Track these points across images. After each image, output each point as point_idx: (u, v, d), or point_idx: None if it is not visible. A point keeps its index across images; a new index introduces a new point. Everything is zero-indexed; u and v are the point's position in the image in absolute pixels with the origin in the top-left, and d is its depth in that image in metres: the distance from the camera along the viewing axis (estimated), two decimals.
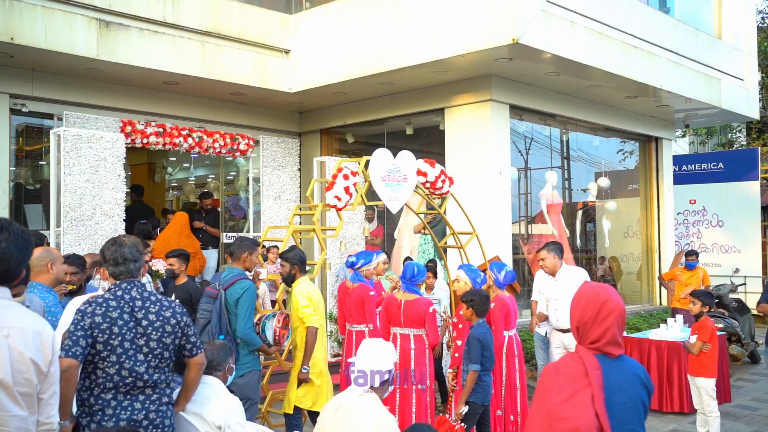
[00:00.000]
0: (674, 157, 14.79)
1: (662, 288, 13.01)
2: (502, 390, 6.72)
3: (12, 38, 7.77)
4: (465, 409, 5.56)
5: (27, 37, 7.90)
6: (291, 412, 5.93)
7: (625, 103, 11.80)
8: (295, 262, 6.01)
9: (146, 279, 6.79)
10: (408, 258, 9.45)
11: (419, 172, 7.63)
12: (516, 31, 8.04)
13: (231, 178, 13.56)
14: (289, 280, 6.04)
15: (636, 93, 11.01)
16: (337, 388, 8.45)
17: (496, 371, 6.73)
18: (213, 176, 14.96)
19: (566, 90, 10.65)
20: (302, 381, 5.85)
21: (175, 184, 16.16)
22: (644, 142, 13.83)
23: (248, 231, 11.36)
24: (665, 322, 8.88)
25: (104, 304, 3.58)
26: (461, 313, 6.25)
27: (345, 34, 9.75)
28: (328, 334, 9.55)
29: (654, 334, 8.54)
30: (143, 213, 11.06)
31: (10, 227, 2.77)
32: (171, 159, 14.53)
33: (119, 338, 3.54)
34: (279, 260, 6.29)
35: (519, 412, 6.74)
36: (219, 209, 12.09)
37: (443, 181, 7.81)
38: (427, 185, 7.75)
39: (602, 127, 12.36)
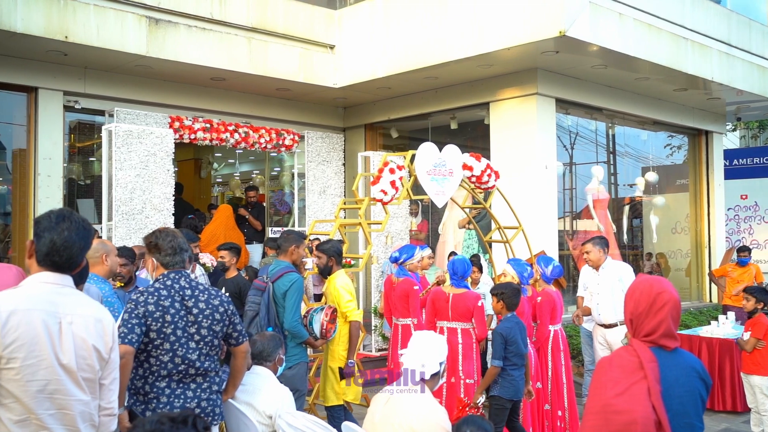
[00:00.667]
0: (725, 151, 14.46)
1: (712, 285, 12.76)
2: (549, 384, 6.68)
3: (66, 36, 7.95)
4: (481, 399, 5.54)
5: (80, 36, 8.08)
6: (333, 404, 5.96)
7: (674, 96, 11.58)
8: (332, 254, 6.04)
9: (200, 271, 6.87)
10: (453, 253, 9.42)
11: (465, 166, 7.59)
12: (563, 24, 7.94)
13: (275, 174, 13.68)
14: (325, 272, 6.09)
15: (686, 85, 10.79)
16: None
17: (542, 366, 6.69)
18: (257, 172, 15.13)
19: (613, 83, 10.49)
20: (349, 375, 5.89)
21: (220, 180, 16.37)
22: (694, 136, 13.55)
23: (293, 226, 11.46)
24: (716, 319, 8.72)
25: (155, 293, 3.65)
26: None
27: (389, 28, 9.75)
28: (373, 328, 9.60)
29: (705, 331, 8.38)
30: (183, 211, 11.24)
31: (72, 216, 2.83)
32: (217, 155, 14.74)
33: (172, 326, 3.60)
34: (315, 252, 6.34)
35: (567, 407, 6.69)
36: (264, 204, 12.22)
37: (489, 176, 7.76)
38: (473, 179, 7.72)
39: (650, 121, 12.15)
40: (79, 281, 3.29)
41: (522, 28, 8.34)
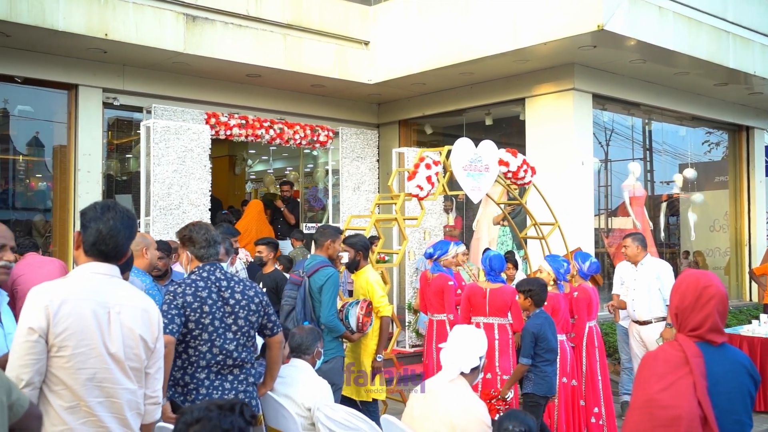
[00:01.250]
0: (766, 147, 14.18)
1: (753, 283, 12.52)
2: (583, 381, 6.62)
3: (106, 34, 8.07)
4: (510, 395, 5.50)
5: (119, 33, 8.19)
6: (364, 399, 5.97)
7: (714, 91, 11.38)
8: (360, 248, 6.04)
9: (240, 265, 6.91)
10: (487, 249, 9.39)
11: (501, 162, 7.55)
12: (601, 18, 7.85)
13: (308, 170, 13.75)
14: (352, 266, 6.10)
15: (727, 80, 10.60)
16: (420, 377, 8.49)
17: (578, 362, 6.64)
18: (290, 168, 15.22)
19: (652, 78, 10.35)
20: (377, 370, 5.91)
21: (254, 177, 16.49)
22: (734, 131, 13.31)
23: (327, 222, 11.50)
24: (756, 318, 8.56)
25: (193, 285, 3.69)
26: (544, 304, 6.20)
27: (424, 24, 9.73)
28: (407, 324, 9.60)
29: (746, 330, 8.24)
30: (214, 207, 11.32)
31: (116, 206, 2.88)
32: (250, 152, 14.84)
33: (210, 317, 3.64)
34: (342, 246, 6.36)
35: (603, 403, 6.63)
36: (298, 200, 12.28)
37: (525, 171, 7.71)
38: (509, 175, 7.67)
39: (689, 117, 11.96)
40: (125, 270, 3.35)
41: (559, 23, 8.26)
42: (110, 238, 2.78)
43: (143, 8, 8.37)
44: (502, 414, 3.50)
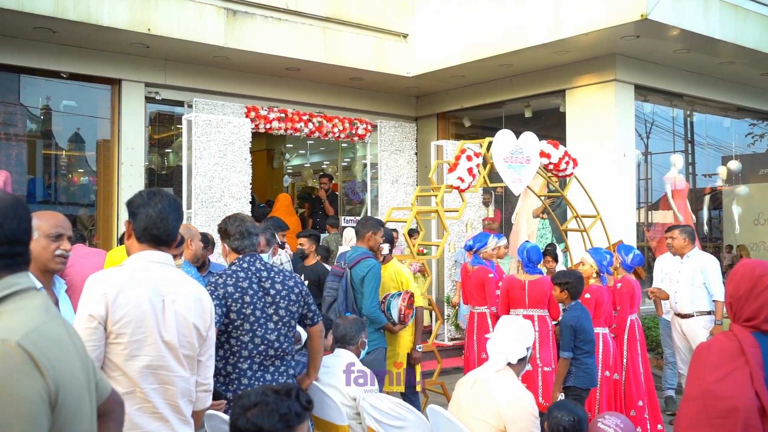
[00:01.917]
0: None
1: None
2: (623, 374, 6.55)
3: (149, 29, 8.18)
4: (561, 396, 5.45)
5: (162, 28, 8.30)
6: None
7: (760, 81, 11.11)
8: (388, 240, 6.05)
9: (285, 257, 6.95)
10: (526, 242, 9.33)
11: (542, 154, 7.50)
12: (645, 7, 7.72)
13: (345, 164, 13.78)
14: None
15: None
16: (460, 371, 8.48)
17: (617, 355, 6.57)
18: (327, 162, 15.27)
19: (696, 68, 10.15)
20: (417, 361, 5.93)
21: (291, 171, 16.59)
22: None
23: (366, 215, 11.52)
24: None
25: (233, 276, 3.71)
26: (587, 296, 6.14)
27: (463, 16, 9.67)
28: (446, 318, 9.58)
29: None
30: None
31: (161, 191, 2.93)
32: (288, 145, 14.93)
33: (251, 307, 3.66)
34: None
35: (645, 396, 6.56)
36: (336, 193, 12.33)
37: (567, 163, 7.64)
38: (550, 167, 7.61)
39: (734, 108, 11.71)
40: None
41: (601, 13, 8.15)
42: (160, 222, 2.82)
43: (185, 3, 8.46)
44: (552, 404, 3.48)
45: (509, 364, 3.68)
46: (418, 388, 6.15)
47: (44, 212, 3.16)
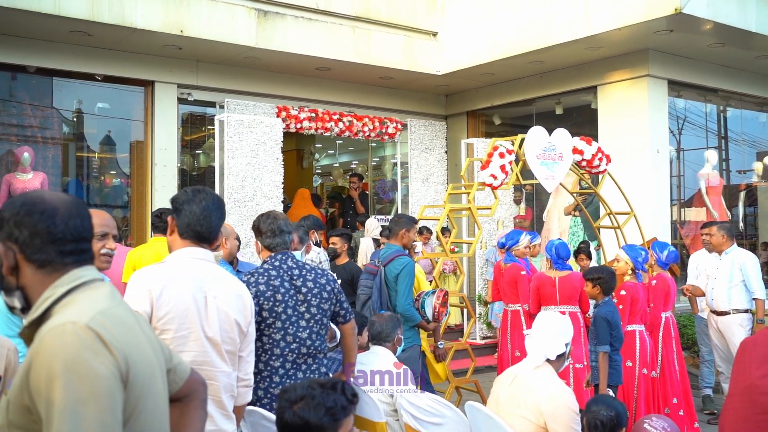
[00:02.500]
0: None
1: None
2: (657, 371, 6.49)
3: (182, 30, 8.27)
4: (609, 391, 5.41)
5: (194, 29, 8.38)
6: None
7: None
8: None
9: (324, 256, 6.98)
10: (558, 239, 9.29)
11: (575, 150, 7.44)
12: (679, 1, 7.62)
13: (374, 163, 13.80)
14: None
15: None
16: (492, 369, 8.46)
17: (654, 352, 6.50)
18: (356, 162, 15.31)
19: (730, 62, 10.00)
20: (441, 358, 5.97)
21: (319, 171, 16.66)
22: None
23: (396, 213, 11.53)
24: None
25: (265, 274, 3.72)
26: (622, 293, 6.10)
27: (493, 13, 9.63)
28: (478, 316, 9.56)
29: None
30: None
31: (206, 189, 2.96)
32: (317, 145, 14.99)
33: (282, 305, 3.66)
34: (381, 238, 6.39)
35: (679, 394, 6.48)
36: (367, 192, 12.36)
37: (600, 159, 7.58)
38: (583, 164, 7.55)
39: None
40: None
41: (634, 7, 8.06)
42: (204, 219, 2.85)
43: (217, 4, 8.54)
44: (590, 399, 3.46)
45: (548, 360, 3.66)
46: (442, 379, 6.17)
47: (90, 211, 3.20)
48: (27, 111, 9.18)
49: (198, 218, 2.85)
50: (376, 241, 9.33)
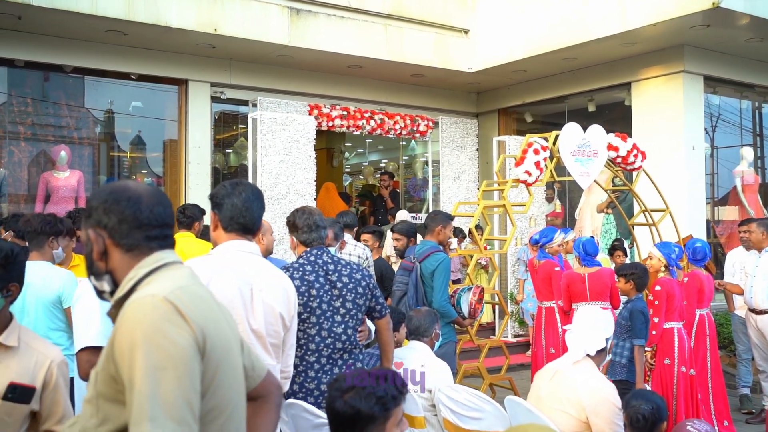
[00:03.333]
0: None
1: None
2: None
3: (215, 29, 8.34)
4: (647, 386, 5.36)
5: (227, 28, 8.44)
6: None
7: None
8: (412, 235, 6.03)
9: (361, 251, 6.98)
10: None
11: (610, 147, 7.39)
12: None
13: (403, 162, 13.79)
14: (405, 253, 6.09)
15: None
16: (524, 367, 8.42)
17: (691, 350, 6.43)
18: (386, 160, 15.30)
19: None
20: None
21: (348, 170, 16.69)
22: None
23: (427, 211, 11.51)
24: None
25: (300, 269, 3.70)
26: (657, 288, 6.05)
27: (526, 9, 9.57)
28: (510, 313, 9.51)
29: None
30: None
31: (243, 181, 3.00)
32: (347, 144, 15.02)
33: (317, 300, 3.66)
34: (392, 235, 6.36)
35: (711, 392, 6.40)
36: (398, 190, 12.36)
37: (635, 156, 7.52)
38: (618, 160, 7.49)
39: None
40: None
41: (670, 2, 7.96)
42: (246, 210, 2.88)
43: (250, 3, 8.59)
44: (630, 393, 3.44)
45: (589, 355, 3.64)
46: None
47: None
48: (63, 111, 9.32)
49: (240, 210, 2.87)
50: None
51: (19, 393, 2.33)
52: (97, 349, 2.84)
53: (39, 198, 8.70)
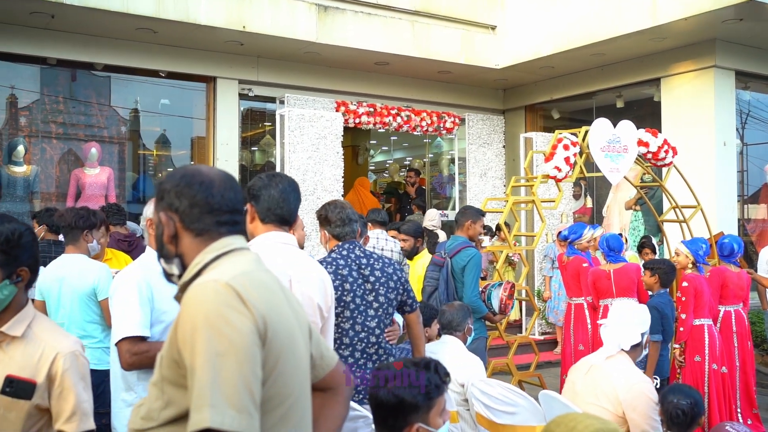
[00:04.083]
0: None
1: None
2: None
3: (244, 26, 8.38)
4: (656, 382, 5.32)
5: (256, 25, 8.49)
6: None
7: None
8: (419, 235, 5.99)
9: (392, 244, 6.99)
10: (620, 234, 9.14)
11: (640, 143, 7.31)
12: None
13: (427, 160, 13.76)
14: (412, 253, 6.06)
15: None
16: (551, 365, 8.37)
17: (723, 347, 6.36)
18: (411, 158, 15.29)
19: None
20: None
21: (373, 167, 16.70)
22: None
23: (453, 209, 11.49)
24: None
25: (333, 263, 3.69)
26: (684, 284, 6.00)
27: (554, 4, 9.50)
28: (540, 310, 9.46)
29: None
30: None
31: (278, 173, 3.01)
32: (372, 142, 15.03)
33: (351, 294, 3.65)
34: (400, 235, 6.31)
35: (738, 388, 6.32)
36: (424, 187, 12.35)
37: (666, 152, 7.43)
38: (649, 156, 7.42)
39: None
40: None
41: None
42: (283, 201, 2.89)
43: (278, 0, 8.63)
44: (665, 388, 3.41)
45: (624, 350, 3.61)
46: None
47: None
48: (92, 109, 9.42)
49: (277, 201, 2.88)
50: (426, 230, 9.34)
51: (16, 387, 2.15)
52: (137, 339, 2.87)
53: (70, 194, 8.81)
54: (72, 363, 2.25)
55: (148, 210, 3.16)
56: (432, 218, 9.29)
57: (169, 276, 1.81)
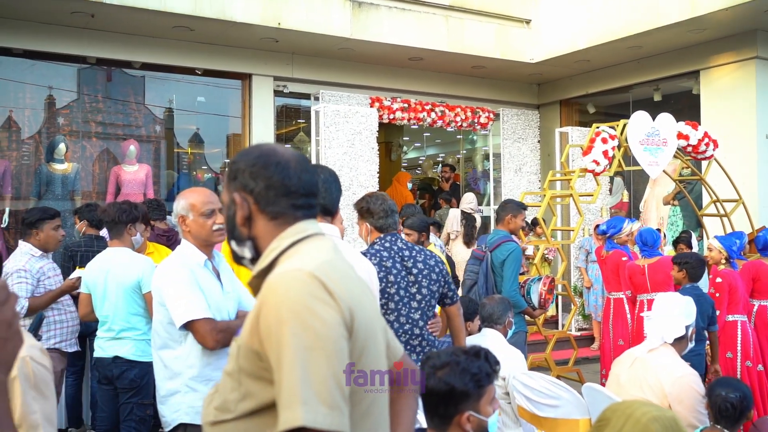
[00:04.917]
0: None
1: None
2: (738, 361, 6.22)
3: (279, 23, 8.43)
4: None
5: (291, 22, 8.53)
6: None
7: None
8: (423, 229, 5.93)
9: (439, 243, 6.99)
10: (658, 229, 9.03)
11: (680, 136, 7.23)
12: None
13: (460, 156, 13.72)
14: None
15: None
16: (588, 361, 8.30)
17: (746, 344, 6.23)
18: (444, 154, 15.25)
19: None
20: None
21: (406, 164, 16.69)
22: None
23: (488, 204, 11.45)
24: None
25: (377, 255, 3.70)
26: (718, 280, 5.90)
27: None
28: (581, 304, 9.40)
29: None
30: None
31: (319, 165, 3.02)
32: (404, 138, 15.02)
33: (395, 286, 3.66)
34: (404, 229, 6.25)
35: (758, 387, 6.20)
36: (458, 183, 12.32)
37: (707, 144, 7.34)
38: (689, 149, 7.32)
39: None
40: None
41: None
42: (325, 192, 2.92)
43: None
44: (713, 381, 3.36)
45: (666, 342, 3.56)
46: None
47: (192, 190, 3.28)
48: (129, 107, 9.55)
49: (320, 192, 2.90)
50: (464, 213, 9.31)
51: None
52: (209, 320, 2.94)
53: (110, 191, 8.95)
54: (20, 369, 1.97)
55: (178, 206, 3.19)
56: (470, 201, 9.27)
57: (239, 259, 1.75)
